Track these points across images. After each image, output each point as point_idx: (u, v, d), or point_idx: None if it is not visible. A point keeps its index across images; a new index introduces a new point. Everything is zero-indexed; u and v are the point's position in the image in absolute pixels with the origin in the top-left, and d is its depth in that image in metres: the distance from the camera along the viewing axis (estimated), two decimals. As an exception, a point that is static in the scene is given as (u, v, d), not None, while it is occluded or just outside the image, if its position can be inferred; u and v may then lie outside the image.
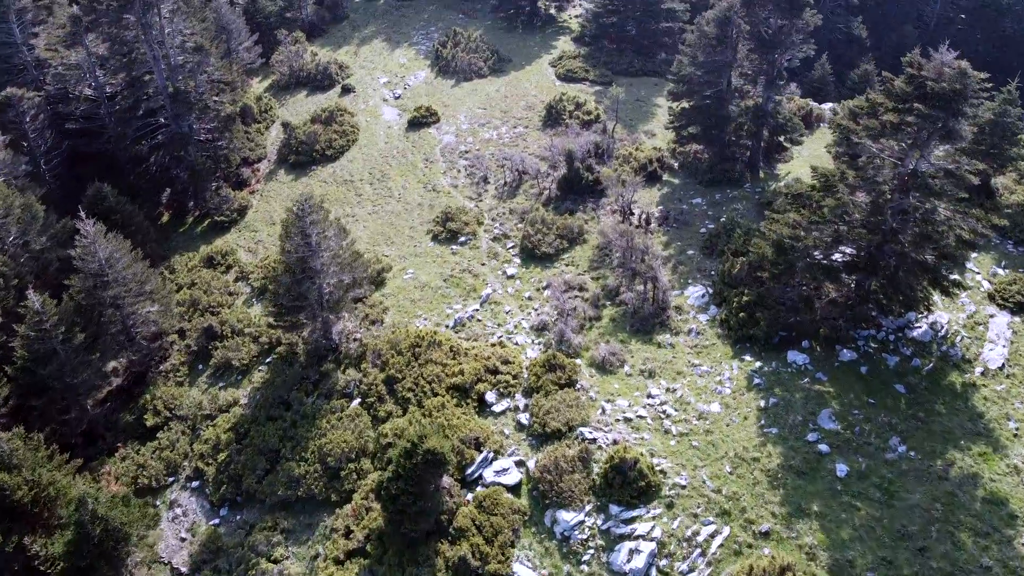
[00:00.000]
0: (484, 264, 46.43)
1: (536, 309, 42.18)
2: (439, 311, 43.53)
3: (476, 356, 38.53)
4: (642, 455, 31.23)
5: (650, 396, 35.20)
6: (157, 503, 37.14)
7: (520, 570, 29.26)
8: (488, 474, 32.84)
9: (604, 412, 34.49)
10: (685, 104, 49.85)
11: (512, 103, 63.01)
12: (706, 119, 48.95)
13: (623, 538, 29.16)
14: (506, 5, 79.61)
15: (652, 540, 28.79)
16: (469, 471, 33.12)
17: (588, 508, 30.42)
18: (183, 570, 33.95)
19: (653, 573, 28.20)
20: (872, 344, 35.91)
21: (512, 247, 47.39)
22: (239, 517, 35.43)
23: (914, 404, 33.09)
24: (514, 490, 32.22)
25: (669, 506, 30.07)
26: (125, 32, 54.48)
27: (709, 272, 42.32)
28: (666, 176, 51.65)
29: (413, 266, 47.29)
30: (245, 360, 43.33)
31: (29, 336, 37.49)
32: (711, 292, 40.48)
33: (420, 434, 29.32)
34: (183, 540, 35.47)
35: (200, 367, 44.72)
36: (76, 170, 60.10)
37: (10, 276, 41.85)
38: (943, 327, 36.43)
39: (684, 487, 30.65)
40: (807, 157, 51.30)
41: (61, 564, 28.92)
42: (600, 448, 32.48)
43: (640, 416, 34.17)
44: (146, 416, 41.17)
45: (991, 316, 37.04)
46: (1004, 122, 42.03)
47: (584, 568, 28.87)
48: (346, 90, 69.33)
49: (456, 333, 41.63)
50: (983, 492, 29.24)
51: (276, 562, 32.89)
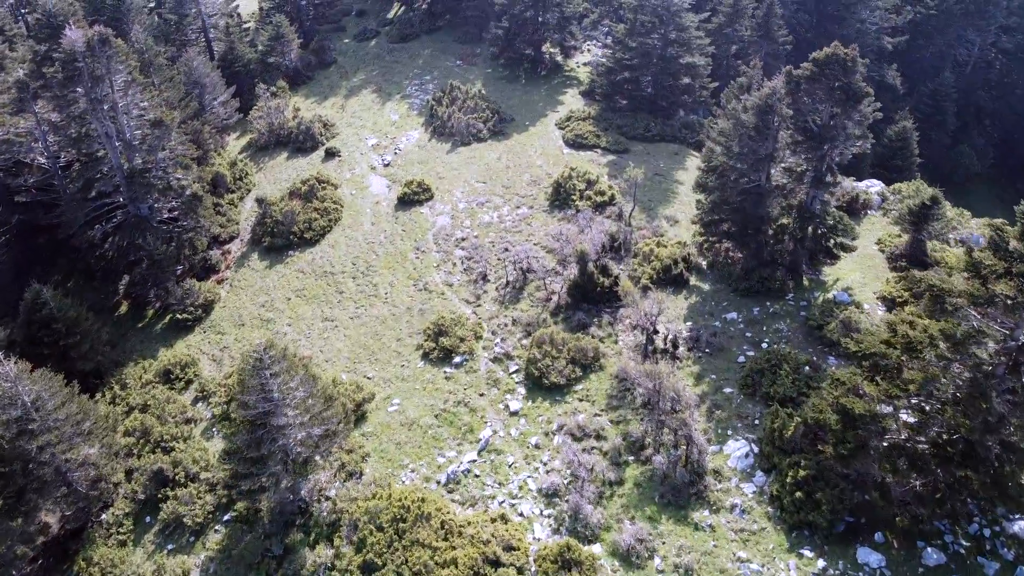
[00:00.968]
0: (483, 394, 39.50)
1: (544, 463, 35.26)
2: (429, 458, 36.61)
3: (472, 538, 31.57)
4: None
5: (689, 609, 28.28)
6: None
7: None
8: None
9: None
10: (715, 197, 42.92)
11: (515, 175, 56.09)
12: (741, 217, 42.05)
13: None
14: (507, 51, 72.58)
15: None
16: None
17: None
18: None
19: None
20: (963, 542, 28.96)
21: (516, 371, 40.46)
22: None
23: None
24: None
25: None
26: (74, 106, 47.66)
27: (752, 420, 35.36)
28: (694, 279, 44.70)
29: (400, 393, 40.37)
30: (199, 517, 36.44)
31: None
32: (756, 452, 33.53)
33: None
34: None
35: (148, 519, 37.82)
36: (30, 243, 53.70)
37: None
38: (1049, 516, 29.54)
39: None
40: (856, 257, 44.39)
41: None
42: None
43: (678, 641, 27.27)
44: (77, 595, 34.29)
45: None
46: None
47: None
48: (330, 154, 62.43)
49: (449, 493, 34.72)
50: None
51: None
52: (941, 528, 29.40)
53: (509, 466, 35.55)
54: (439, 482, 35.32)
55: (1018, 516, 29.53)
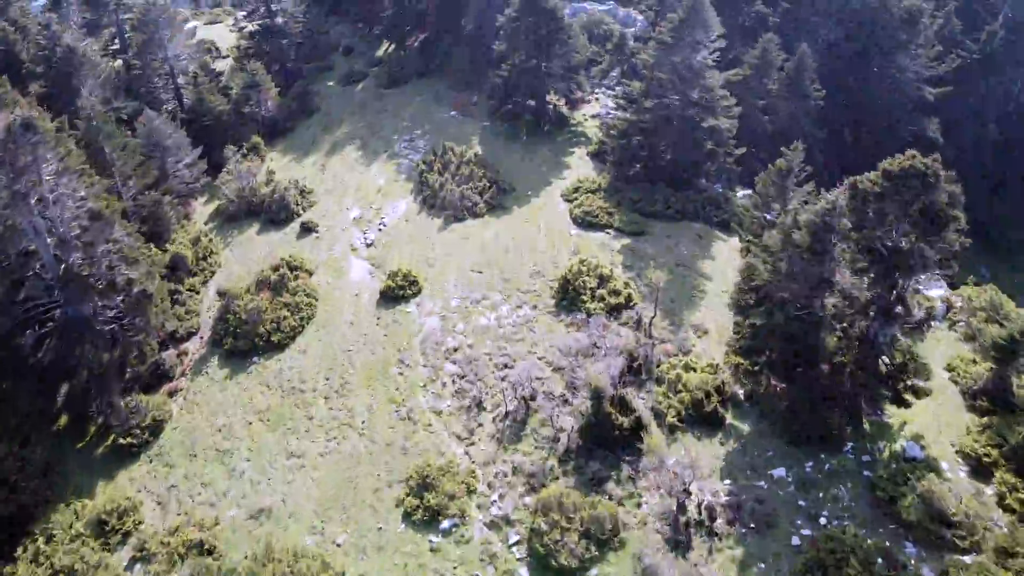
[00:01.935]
0: (477, 575, 32.22)
1: None
2: (409, 672, 29.33)
3: None
4: None
5: None
6: None
7: None
8: None
9: None
10: (757, 322, 35.63)
11: (516, 262, 48.78)
12: (789, 347, 34.76)
13: None
14: (506, 103, 65.29)
15: None
16: None
17: None
18: None
19: None
20: None
21: (516, 542, 33.15)
22: None
23: None
24: None
25: None
26: (-6, 199, 40.41)
27: (818, 641, 28.06)
28: (731, 416, 37.37)
29: (375, 569, 33.07)
30: None
31: None
32: None
33: None
34: None
35: None
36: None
37: None
38: None
39: None
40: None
41: None
42: None
43: None
44: None
45: None
46: None
47: None
48: (307, 229, 55.14)
49: None
50: None
51: None
52: None
53: None
54: None
55: None
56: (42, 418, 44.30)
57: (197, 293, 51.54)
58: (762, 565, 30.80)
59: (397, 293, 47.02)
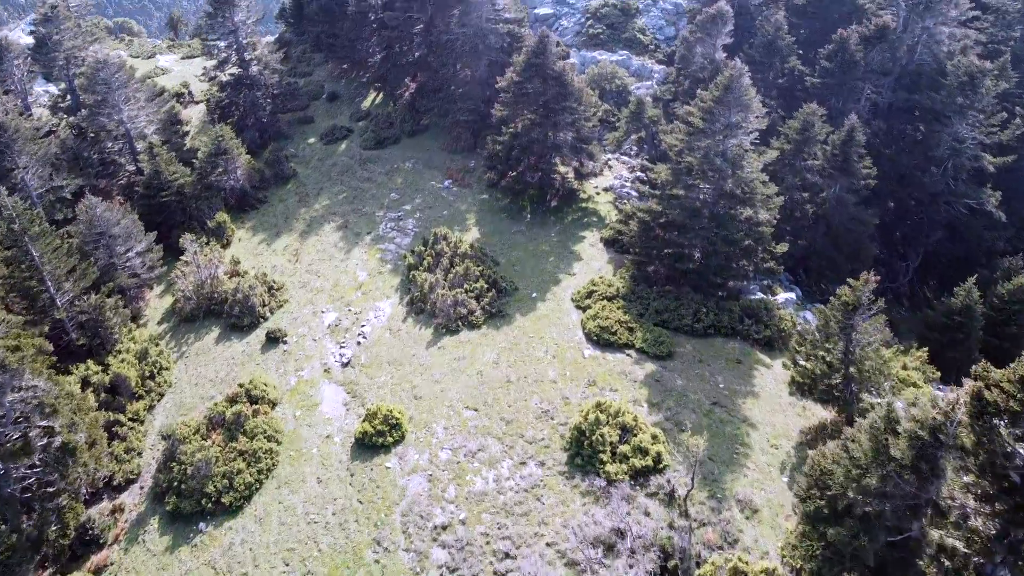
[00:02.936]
0: None
1: None
2: None
3: None
4: None
5: None
6: None
7: None
8: None
9: None
10: (834, 538, 27.44)
11: (519, 399, 40.60)
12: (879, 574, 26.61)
13: None
14: (507, 171, 57.11)
15: None
16: None
17: None
18: None
19: None
20: None
21: None
22: None
23: None
24: None
25: None
26: None
27: None
28: (796, 651, 29.21)
29: None
30: None
31: None
32: None
33: None
34: None
35: None
36: None
37: None
38: None
39: None
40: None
41: None
42: None
43: None
44: None
45: None
46: None
47: None
48: (273, 339, 47.09)
49: None
50: None
51: None
52: None
53: None
54: None
55: None
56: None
57: (141, 423, 43.45)
58: None
59: (375, 440, 38.84)
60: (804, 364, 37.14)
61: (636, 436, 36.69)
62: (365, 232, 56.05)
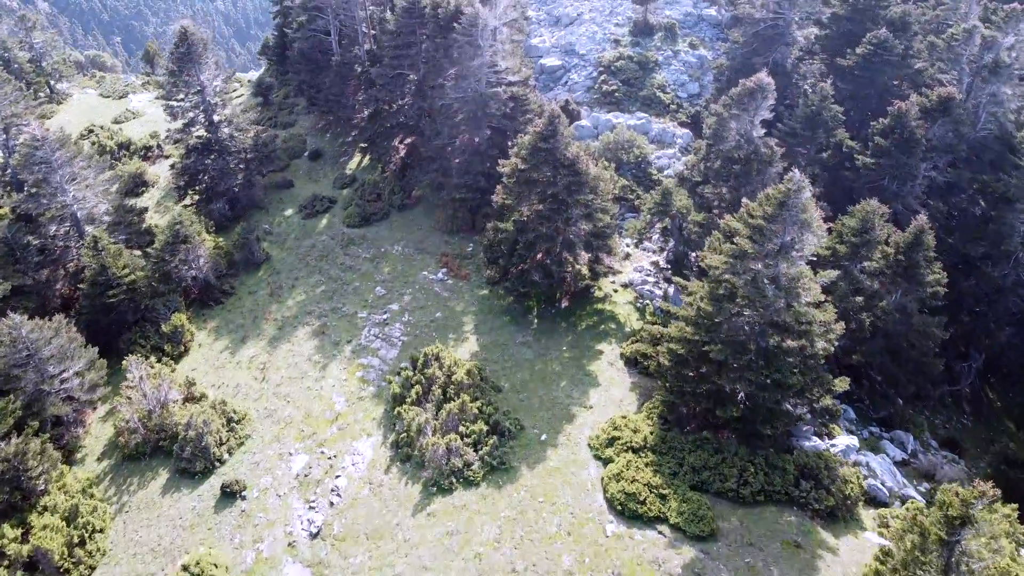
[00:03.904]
0: None
1: None
2: None
3: None
4: None
5: None
6: None
7: None
8: None
9: None
10: None
11: (526, 596, 32.63)
12: None
13: None
14: (509, 267, 49.02)
15: None
16: None
17: None
18: None
19: None
20: None
21: None
22: None
23: None
24: None
25: None
26: None
27: None
28: None
29: None
30: None
31: None
32: None
33: None
34: None
35: None
36: None
37: None
38: None
39: None
40: None
41: None
42: None
43: None
44: None
45: None
46: None
47: None
48: (229, 494, 39.13)
49: None
50: None
51: None
52: None
53: None
54: None
55: None
56: None
57: (63, 614, 35.47)
58: None
59: (347, 664, 30.85)
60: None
61: (678, 675, 28.66)
62: (345, 340, 48.03)
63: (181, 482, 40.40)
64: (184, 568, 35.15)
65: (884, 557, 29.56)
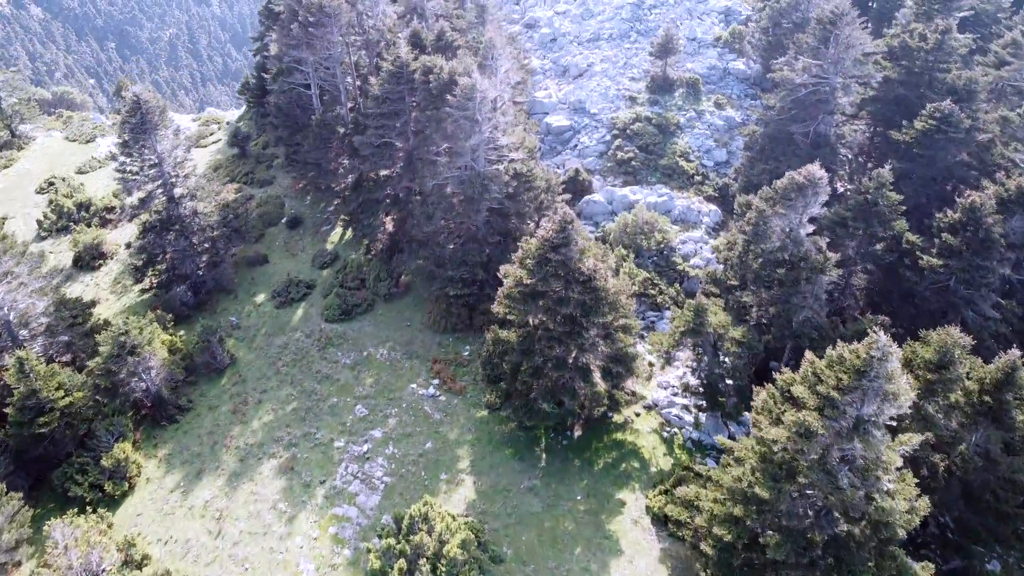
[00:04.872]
0: None
1: None
2: None
3: None
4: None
5: None
6: None
7: None
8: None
9: None
10: None
11: None
12: None
13: None
14: (512, 389, 41.42)
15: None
16: None
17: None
18: None
19: None
20: None
21: None
22: None
23: None
24: None
25: None
26: None
27: None
28: None
29: None
30: None
31: None
32: None
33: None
34: None
35: None
36: None
37: None
38: None
39: None
40: None
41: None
42: None
43: None
44: None
45: None
46: None
47: None
48: None
49: None
50: None
51: None
52: None
53: None
54: None
55: None
56: None
57: None
58: None
59: None
60: None
61: None
62: (318, 480, 40.44)
63: None
64: None
65: None
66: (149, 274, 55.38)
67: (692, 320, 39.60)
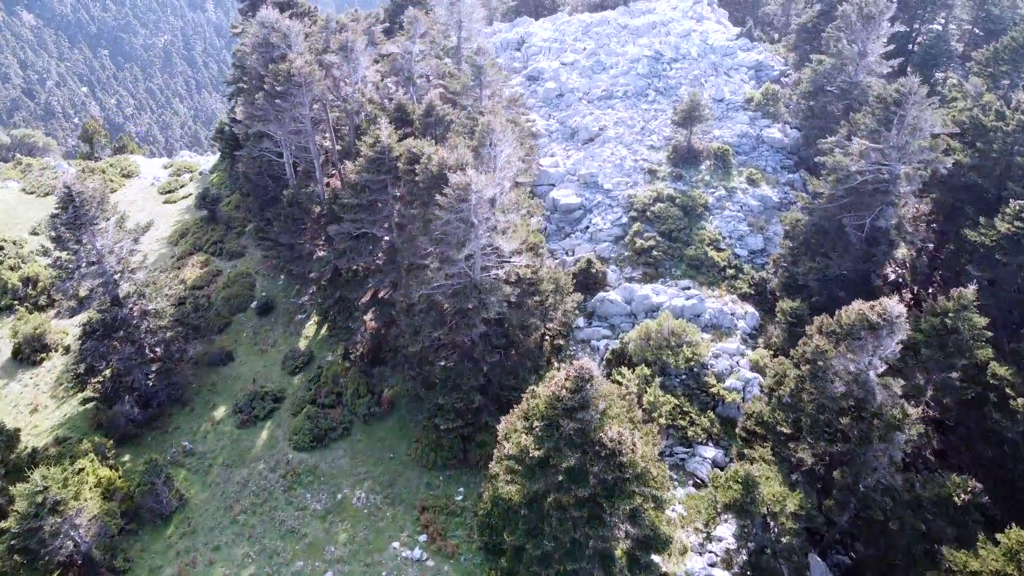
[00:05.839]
0: None
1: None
2: None
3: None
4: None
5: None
6: None
7: None
8: None
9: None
10: None
11: None
12: None
13: None
14: (516, 567, 33.64)
15: None
16: None
17: None
18: None
19: None
20: None
21: None
22: None
23: None
24: None
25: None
26: None
27: None
28: None
29: None
30: None
31: None
32: None
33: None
34: None
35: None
36: None
37: None
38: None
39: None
40: None
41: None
42: None
43: None
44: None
45: None
46: None
47: None
48: None
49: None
50: None
51: None
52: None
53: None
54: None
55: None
56: None
57: None
58: None
59: None
60: None
61: None
62: None
63: None
64: None
65: None
66: (92, 381, 47.64)
67: (740, 496, 31.76)
